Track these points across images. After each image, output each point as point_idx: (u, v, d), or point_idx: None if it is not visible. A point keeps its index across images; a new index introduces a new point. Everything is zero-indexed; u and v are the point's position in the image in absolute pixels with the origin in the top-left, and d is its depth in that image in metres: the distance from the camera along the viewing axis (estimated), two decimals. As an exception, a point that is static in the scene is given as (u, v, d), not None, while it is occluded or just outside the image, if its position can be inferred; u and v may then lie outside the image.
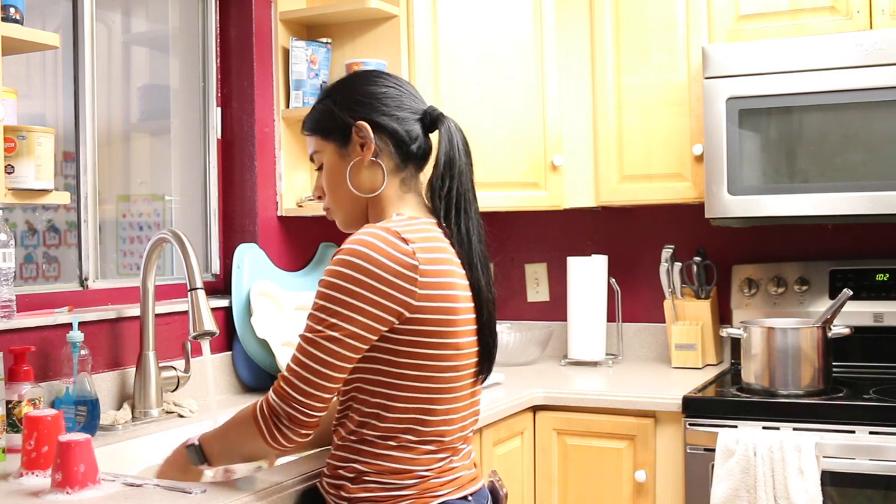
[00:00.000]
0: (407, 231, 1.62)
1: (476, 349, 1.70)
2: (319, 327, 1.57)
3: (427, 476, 1.64)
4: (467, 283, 1.68)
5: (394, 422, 1.62)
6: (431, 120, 1.74)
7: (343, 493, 1.64)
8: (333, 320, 1.56)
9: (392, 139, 1.71)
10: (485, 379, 1.77)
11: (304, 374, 1.56)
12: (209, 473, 1.77)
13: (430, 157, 1.76)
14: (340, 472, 1.65)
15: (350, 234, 1.66)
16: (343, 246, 1.60)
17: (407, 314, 1.58)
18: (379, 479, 1.62)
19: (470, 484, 1.71)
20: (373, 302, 1.56)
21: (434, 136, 1.75)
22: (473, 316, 1.69)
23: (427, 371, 1.62)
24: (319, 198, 1.81)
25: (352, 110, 1.72)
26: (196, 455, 1.71)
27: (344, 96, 1.74)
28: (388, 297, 1.57)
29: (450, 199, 1.70)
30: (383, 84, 1.74)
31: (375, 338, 1.59)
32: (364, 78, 1.78)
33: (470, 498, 1.69)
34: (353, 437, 1.64)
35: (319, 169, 1.78)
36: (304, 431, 1.59)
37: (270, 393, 1.60)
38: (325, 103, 1.77)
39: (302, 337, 1.59)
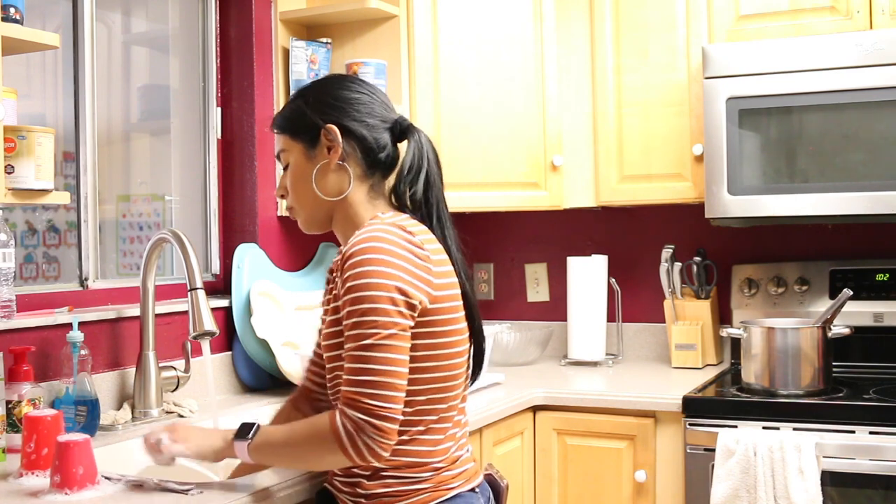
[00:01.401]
0: (409, 226, 1.64)
1: (467, 334, 1.72)
2: (374, 330, 1.53)
3: (441, 468, 1.65)
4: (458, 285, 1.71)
5: (409, 415, 1.61)
6: (401, 130, 1.74)
7: (359, 490, 1.63)
8: (384, 319, 1.54)
9: (360, 145, 1.71)
10: (476, 377, 1.79)
11: (381, 381, 1.52)
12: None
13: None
14: (355, 469, 1.64)
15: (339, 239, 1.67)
16: (352, 249, 1.58)
17: (428, 304, 1.59)
18: (396, 474, 1.62)
19: (474, 476, 1.73)
20: (407, 292, 1.56)
21: (402, 146, 1.75)
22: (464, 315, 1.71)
23: (440, 360, 1.63)
24: (283, 196, 1.80)
25: (322, 112, 1.71)
26: (249, 431, 1.63)
27: (316, 98, 1.74)
28: (419, 279, 1.58)
29: (417, 206, 1.71)
30: (356, 90, 1.74)
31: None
32: (338, 82, 1.77)
33: (477, 490, 1.71)
34: None
35: (286, 167, 1.77)
36: (390, 443, 1.54)
37: (347, 410, 1.52)
38: (297, 103, 1.76)
39: (359, 347, 1.54)
